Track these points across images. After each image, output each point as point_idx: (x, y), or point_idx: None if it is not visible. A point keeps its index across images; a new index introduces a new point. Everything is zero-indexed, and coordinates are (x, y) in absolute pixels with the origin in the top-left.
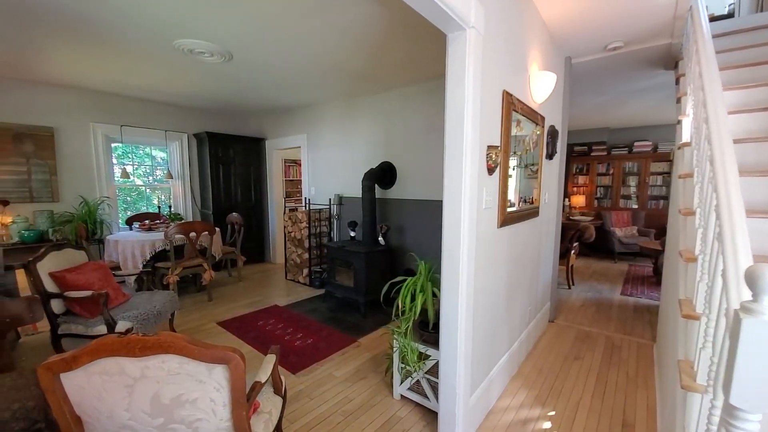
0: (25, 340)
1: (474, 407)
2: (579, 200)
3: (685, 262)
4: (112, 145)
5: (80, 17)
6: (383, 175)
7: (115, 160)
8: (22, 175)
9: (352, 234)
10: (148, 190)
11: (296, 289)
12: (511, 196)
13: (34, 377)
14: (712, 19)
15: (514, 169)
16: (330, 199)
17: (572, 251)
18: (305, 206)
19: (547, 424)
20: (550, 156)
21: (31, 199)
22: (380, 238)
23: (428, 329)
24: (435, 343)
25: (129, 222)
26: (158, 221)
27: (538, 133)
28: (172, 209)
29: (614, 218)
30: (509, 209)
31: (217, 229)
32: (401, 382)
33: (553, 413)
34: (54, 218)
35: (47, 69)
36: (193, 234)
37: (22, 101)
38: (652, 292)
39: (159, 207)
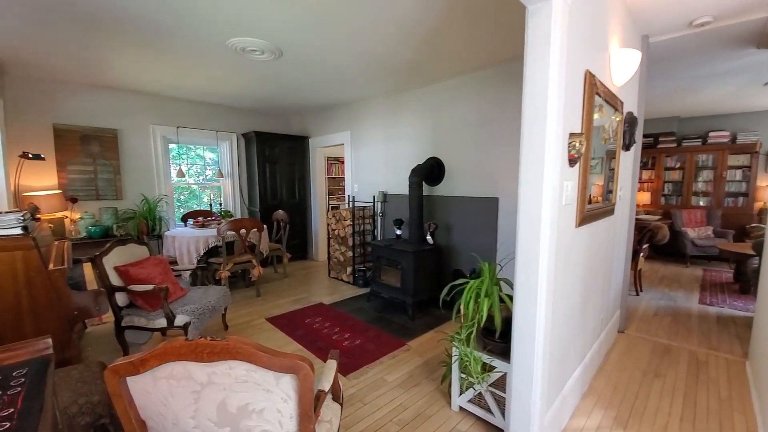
0: (91, 330)
1: (547, 427)
2: (643, 197)
3: None
4: (169, 146)
5: (139, 20)
6: (431, 171)
7: (170, 161)
8: (89, 174)
9: (398, 232)
10: (198, 189)
11: (340, 287)
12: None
13: (100, 370)
14: None
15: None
16: (374, 197)
17: (641, 254)
18: (348, 204)
19: None
20: (627, 147)
21: (97, 196)
22: (428, 237)
23: (494, 338)
24: (502, 353)
25: (184, 219)
26: (210, 218)
27: (618, 120)
28: (222, 207)
29: (685, 217)
30: (588, 206)
31: (265, 226)
32: (460, 393)
33: None
34: (118, 215)
35: (111, 74)
36: (243, 231)
37: (89, 105)
38: (736, 301)
39: (210, 205)
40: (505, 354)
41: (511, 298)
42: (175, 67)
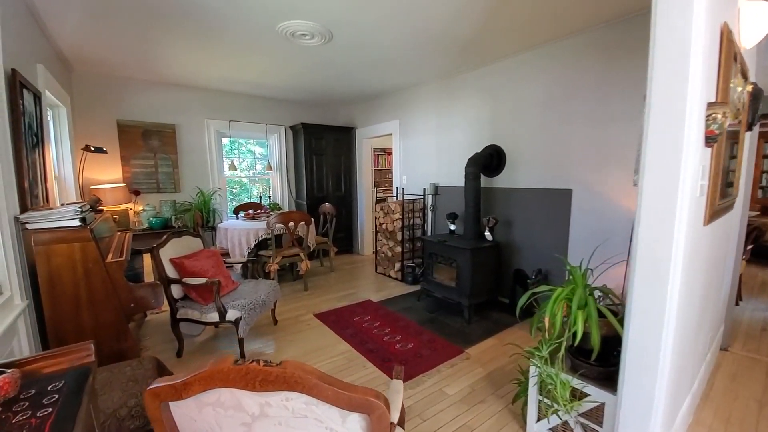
0: (150, 318)
1: None
2: None
3: None
4: (222, 140)
5: (193, 7)
6: (489, 160)
7: (223, 155)
8: (150, 168)
9: (452, 227)
10: (249, 183)
11: (387, 284)
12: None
13: (153, 367)
14: None
15: None
16: (424, 189)
17: (743, 256)
18: (396, 196)
19: None
20: (750, 126)
21: (158, 189)
22: (487, 233)
23: (588, 359)
24: (598, 379)
25: (236, 211)
26: (260, 211)
27: (747, 91)
28: (271, 199)
29: None
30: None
31: (312, 219)
32: (538, 419)
33: None
34: (176, 207)
35: (169, 70)
36: (291, 224)
37: (149, 101)
38: None
39: (260, 198)
40: (602, 380)
41: (612, 312)
42: (227, 59)
